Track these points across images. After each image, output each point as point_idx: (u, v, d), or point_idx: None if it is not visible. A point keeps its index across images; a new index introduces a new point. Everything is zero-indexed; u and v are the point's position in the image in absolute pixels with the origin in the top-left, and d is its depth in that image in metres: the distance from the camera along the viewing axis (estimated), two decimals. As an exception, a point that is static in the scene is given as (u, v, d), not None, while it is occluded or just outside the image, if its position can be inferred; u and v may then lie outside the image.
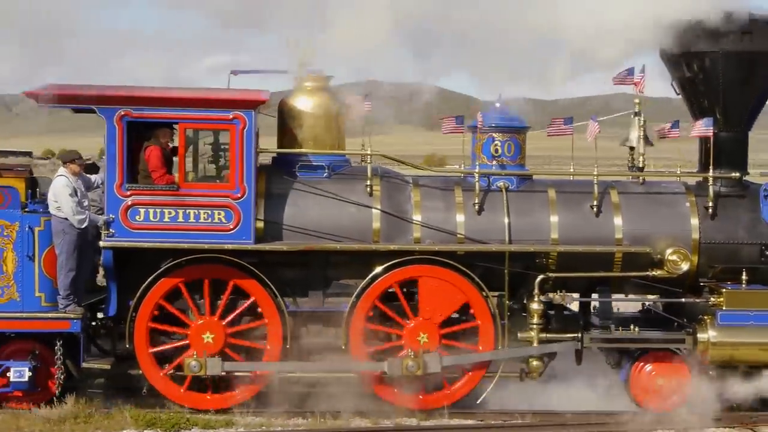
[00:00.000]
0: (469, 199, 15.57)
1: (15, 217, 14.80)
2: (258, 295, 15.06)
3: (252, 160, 14.76)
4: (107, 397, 15.48)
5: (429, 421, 14.82)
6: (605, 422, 14.88)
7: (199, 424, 14.46)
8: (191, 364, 14.83)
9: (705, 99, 16.05)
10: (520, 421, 14.77)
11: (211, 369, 14.80)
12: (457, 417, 14.94)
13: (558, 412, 15.13)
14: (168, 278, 15.02)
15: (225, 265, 15.03)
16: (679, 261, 15.37)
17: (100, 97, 14.69)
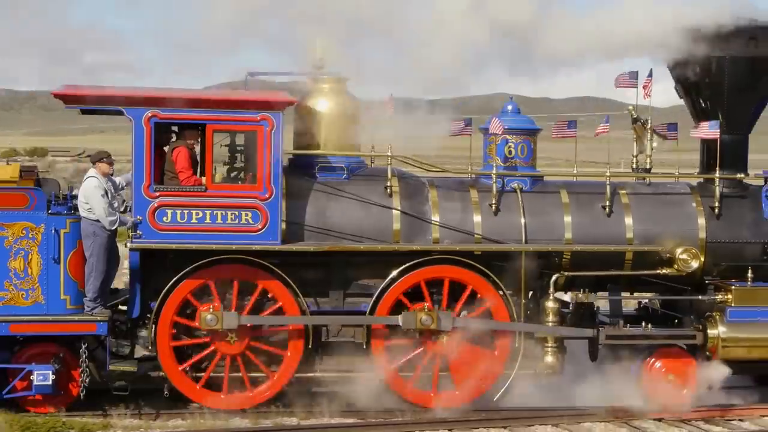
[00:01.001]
0: (485, 199, 15.83)
1: (40, 219, 14.69)
2: (281, 296, 15.14)
3: (279, 161, 14.86)
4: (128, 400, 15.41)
5: (309, 420, 14.87)
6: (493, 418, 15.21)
7: (76, 428, 14.29)
8: (207, 317, 14.81)
9: (709, 102, 16.48)
10: (399, 419, 14.97)
11: (228, 322, 14.84)
12: (337, 416, 15.03)
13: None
14: (190, 279, 15.00)
15: (248, 265, 15.06)
16: (690, 259, 15.80)
17: (129, 98, 14.65)
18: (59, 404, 15.01)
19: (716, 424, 15.19)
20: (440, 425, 14.78)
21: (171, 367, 15.06)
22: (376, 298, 15.36)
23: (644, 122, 16.51)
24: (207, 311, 14.81)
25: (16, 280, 14.71)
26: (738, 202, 16.41)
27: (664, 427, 15.08)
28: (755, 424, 15.19)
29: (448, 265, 15.52)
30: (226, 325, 14.81)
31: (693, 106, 16.80)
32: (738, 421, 15.34)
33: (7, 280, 14.68)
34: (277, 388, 15.28)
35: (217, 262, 15.01)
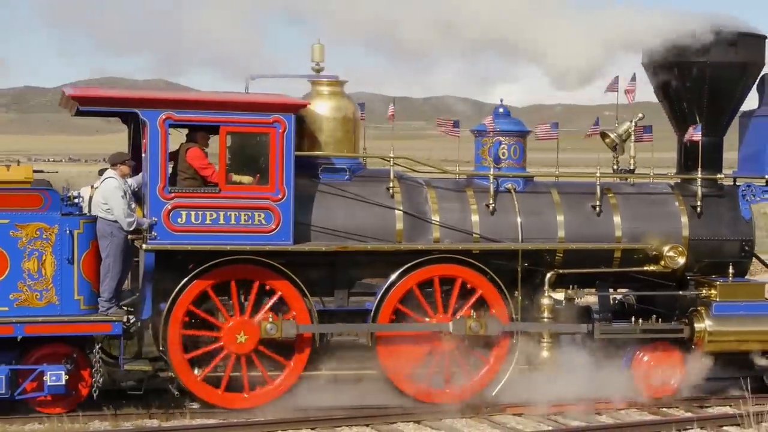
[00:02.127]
0: (481, 199, 16.29)
1: (54, 220, 14.73)
2: (289, 295, 15.41)
3: (291, 162, 15.13)
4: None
5: (170, 421, 14.94)
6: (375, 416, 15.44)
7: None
8: (267, 326, 15.14)
9: (688, 106, 17.18)
10: (262, 419, 15.07)
11: (287, 331, 15.18)
12: (199, 417, 15.11)
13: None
14: (200, 280, 15.19)
15: (257, 266, 15.30)
16: (676, 256, 16.48)
17: (144, 100, 14.78)
18: (70, 405, 15.05)
19: (575, 418, 15.56)
20: (303, 424, 14.87)
21: (180, 364, 15.22)
22: (381, 297, 15.70)
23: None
24: (267, 321, 15.12)
25: (30, 281, 14.74)
26: (716, 201, 17.14)
27: (523, 422, 15.40)
28: (612, 418, 15.65)
29: (450, 264, 15.93)
30: (285, 333, 15.17)
31: (671, 108, 17.46)
32: (596, 415, 15.74)
33: (21, 281, 14.70)
34: (287, 385, 15.51)
35: (228, 262, 15.19)
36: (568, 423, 15.35)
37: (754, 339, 16.62)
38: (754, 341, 16.63)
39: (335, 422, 15.01)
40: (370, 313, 15.77)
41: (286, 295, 15.42)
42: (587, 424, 15.20)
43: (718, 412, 15.97)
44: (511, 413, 15.65)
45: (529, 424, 15.23)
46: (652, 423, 15.24)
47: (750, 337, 16.60)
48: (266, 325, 15.19)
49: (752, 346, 16.64)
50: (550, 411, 15.70)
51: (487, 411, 15.58)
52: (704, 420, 15.27)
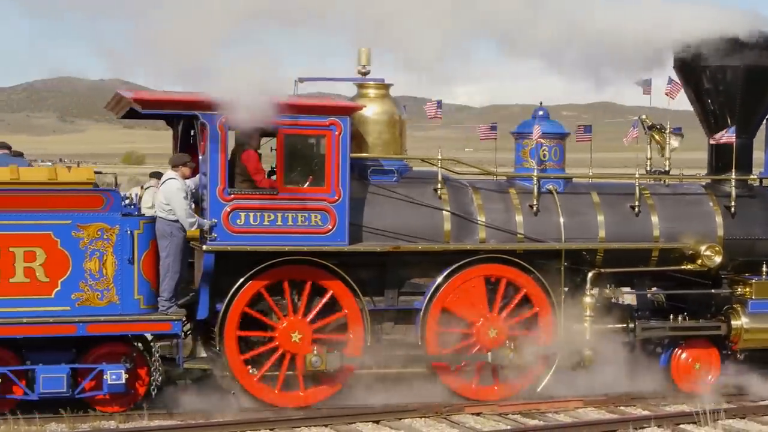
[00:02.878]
0: (525, 200, 16.66)
1: (115, 220, 14.93)
2: (342, 296, 15.70)
3: (347, 164, 15.42)
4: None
5: (127, 423, 14.93)
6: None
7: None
8: (312, 360, 15.39)
9: (721, 108, 17.61)
10: (221, 419, 14.98)
11: (331, 363, 15.41)
12: (157, 418, 15.04)
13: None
14: (256, 281, 15.44)
15: (311, 266, 15.57)
16: (713, 255, 16.92)
17: (204, 103, 15.02)
18: (127, 403, 15.26)
19: (533, 417, 15.70)
20: (262, 425, 14.86)
21: (237, 364, 15.46)
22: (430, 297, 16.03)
23: (661, 127, 17.53)
24: (312, 354, 15.40)
25: (91, 281, 14.93)
26: (749, 202, 17.59)
27: (482, 421, 15.45)
28: (570, 416, 15.76)
29: (497, 264, 16.28)
30: (329, 366, 15.47)
31: (703, 110, 17.88)
32: (553, 414, 15.90)
33: (82, 280, 14.89)
34: (341, 382, 15.83)
35: (282, 263, 15.46)
36: (527, 422, 15.51)
37: (789, 335, 17.06)
38: None
39: (294, 422, 15.00)
40: (420, 312, 16.05)
41: (338, 295, 15.68)
42: (545, 422, 15.36)
43: (675, 410, 16.06)
44: (470, 413, 15.72)
45: (487, 423, 15.33)
46: (609, 421, 15.35)
47: (787, 334, 17.05)
48: (311, 357, 15.43)
49: None
50: (508, 409, 15.85)
51: (446, 410, 15.61)
52: (661, 418, 15.39)
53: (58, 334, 14.90)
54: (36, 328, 14.80)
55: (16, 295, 14.74)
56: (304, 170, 15.55)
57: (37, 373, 14.89)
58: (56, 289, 14.87)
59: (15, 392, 14.95)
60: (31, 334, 14.82)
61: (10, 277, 14.75)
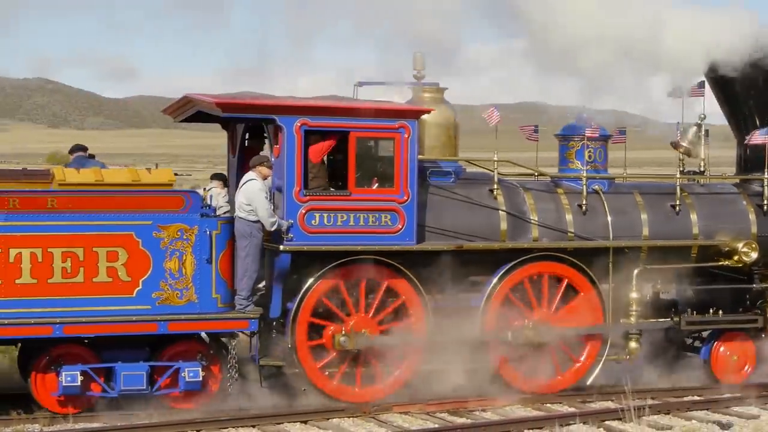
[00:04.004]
0: (573, 200, 17.31)
1: (194, 221, 15.32)
2: (406, 293, 16.23)
3: (415, 166, 15.95)
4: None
5: (52, 426, 14.94)
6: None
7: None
8: (341, 339, 15.88)
9: (750, 111, 18.41)
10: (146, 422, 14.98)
11: (359, 343, 15.94)
12: (82, 421, 15.03)
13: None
14: (325, 280, 15.91)
15: (378, 265, 16.08)
16: (750, 251, 17.72)
17: (282, 107, 15.47)
18: (202, 400, 15.64)
19: (460, 415, 15.83)
20: (188, 426, 14.94)
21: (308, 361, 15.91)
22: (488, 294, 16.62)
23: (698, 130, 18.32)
24: (339, 334, 15.88)
25: (171, 280, 15.31)
26: (777, 201, 18.41)
27: (410, 420, 15.63)
28: (497, 414, 15.96)
29: (550, 262, 16.91)
30: (357, 345, 15.96)
31: (733, 113, 18.67)
32: (480, 412, 16.06)
33: (163, 280, 15.26)
34: (402, 381, 16.37)
35: (351, 262, 15.94)
36: (455, 420, 15.62)
37: (820, 327, 17.92)
38: None
39: (221, 423, 15.10)
40: (479, 309, 16.63)
41: (403, 293, 16.19)
42: (472, 421, 15.48)
43: (600, 407, 16.27)
44: (398, 412, 15.88)
45: (415, 422, 15.49)
46: (535, 419, 15.57)
47: (818, 326, 17.90)
48: (339, 337, 15.93)
49: None
50: (436, 408, 16.02)
51: (374, 410, 15.78)
52: (587, 415, 15.67)
53: (140, 332, 15.27)
54: (119, 326, 15.16)
55: (99, 294, 15.09)
56: (373, 172, 16.01)
57: (118, 370, 15.24)
58: (137, 288, 15.23)
59: (93, 389, 15.27)
60: (115, 332, 15.17)
61: (93, 276, 15.09)
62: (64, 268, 14.99)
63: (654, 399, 16.56)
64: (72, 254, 15.02)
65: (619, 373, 17.35)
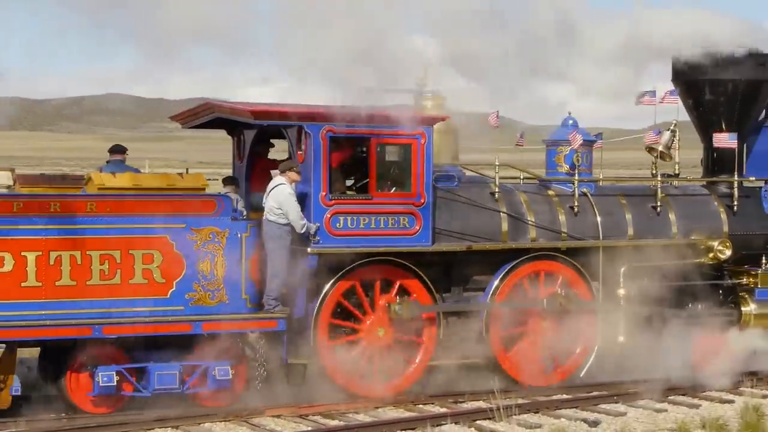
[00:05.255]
0: (565, 202, 18.30)
1: (225, 224, 15.85)
2: (418, 292, 17.01)
3: (431, 170, 16.74)
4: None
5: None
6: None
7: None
8: (396, 308, 16.69)
9: (718, 118, 19.64)
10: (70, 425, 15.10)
11: (409, 311, 16.74)
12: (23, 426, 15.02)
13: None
14: (344, 281, 16.60)
15: (393, 266, 16.83)
16: (725, 249, 18.95)
17: (310, 114, 16.12)
18: (231, 399, 16.18)
19: (333, 417, 15.95)
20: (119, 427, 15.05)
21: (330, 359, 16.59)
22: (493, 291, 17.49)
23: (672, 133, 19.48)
24: (396, 303, 16.63)
25: (203, 282, 15.81)
26: (745, 201, 19.68)
27: (282, 423, 15.61)
28: (370, 416, 16.12)
29: (547, 261, 17.87)
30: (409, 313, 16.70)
31: (700, 119, 19.88)
32: (353, 414, 16.21)
33: (195, 281, 15.76)
34: (418, 374, 17.14)
35: (367, 263, 16.64)
36: (327, 422, 15.74)
37: (789, 319, 19.26)
38: None
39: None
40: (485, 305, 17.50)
41: (416, 293, 16.95)
42: (345, 423, 15.59)
43: (471, 407, 16.40)
44: (270, 415, 15.88)
45: (287, 426, 15.53)
46: (407, 420, 15.65)
47: (787, 319, 19.23)
48: (395, 306, 16.69)
49: None
50: (309, 411, 16.08)
51: (246, 414, 15.80)
52: (458, 415, 15.82)
53: (176, 332, 15.73)
54: (156, 327, 15.62)
55: (135, 295, 15.53)
56: (392, 176, 16.72)
57: (151, 370, 15.70)
58: (171, 289, 15.70)
59: (125, 389, 15.70)
60: (152, 332, 15.63)
61: (130, 278, 15.52)
62: (102, 270, 15.40)
63: (523, 398, 16.93)
64: (110, 257, 15.42)
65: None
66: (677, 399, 17.43)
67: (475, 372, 17.67)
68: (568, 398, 17.17)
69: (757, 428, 15.10)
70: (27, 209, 15.11)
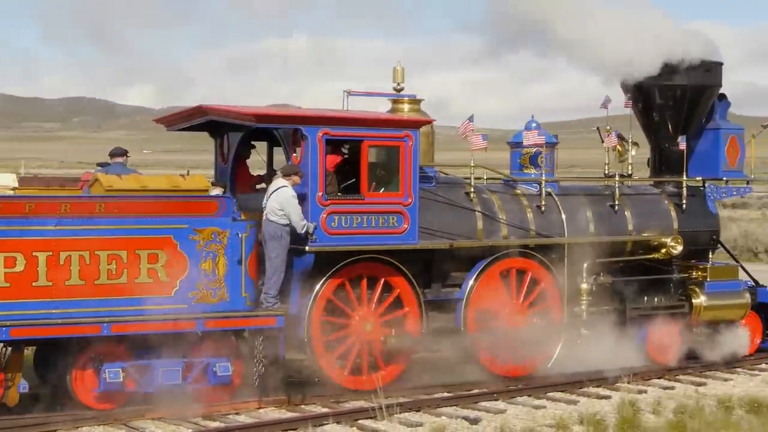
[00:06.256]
0: (532, 201, 19.19)
1: (226, 224, 16.29)
2: (403, 289, 17.71)
3: (417, 171, 17.45)
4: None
5: None
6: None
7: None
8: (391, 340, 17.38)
9: (667, 121, 20.76)
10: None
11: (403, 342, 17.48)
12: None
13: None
14: (334, 278, 17.21)
15: (379, 263, 17.48)
16: (676, 245, 20.06)
17: (308, 117, 16.71)
18: (229, 394, 16.67)
19: (214, 419, 15.91)
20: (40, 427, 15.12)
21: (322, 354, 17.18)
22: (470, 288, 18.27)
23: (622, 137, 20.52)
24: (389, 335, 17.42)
25: (205, 280, 16.22)
26: (691, 200, 20.82)
27: (162, 425, 15.60)
28: (251, 417, 16.13)
29: (520, 258, 18.72)
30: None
31: (647, 121, 20.98)
32: (234, 415, 16.23)
33: (198, 280, 16.17)
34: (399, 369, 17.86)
35: (356, 261, 17.28)
36: (208, 424, 15.70)
37: (732, 310, 20.43)
38: (731, 312, 20.44)
39: None
40: (462, 301, 18.27)
41: (400, 288, 17.64)
42: (226, 425, 15.60)
43: (353, 407, 16.58)
44: (150, 418, 15.84)
45: (168, 428, 15.54)
46: (289, 420, 15.68)
47: (730, 308, 20.43)
48: (390, 339, 17.40)
49: (730, 315, 20.47)
50: (191, 414, 16.01)
51: (126, 417, 15.70)
52: (340, 415, 15.98)
53: (180, 330, 16.12)
54: (161, 324, 15.97)
55: (140, 294, 15.88)
56: (381, 177, 17.38)
57: (156, 367, 16.09)
58: (175, 288, 16.07)
59: (128, 385, 16.06)
60: (158, 330, 15.97)
61: (136, 277, 15.88)
62: (110, 269, 15.72)
63: (405, 397, 17.12)
64: (117, 256, 15.75)
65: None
66: (555, 396, 17.79)
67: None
68: (449, 396, 17.39)
69: (632, 423, 15.46)
70: (38, 210, 15.37)
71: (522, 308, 18.72)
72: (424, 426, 15.64)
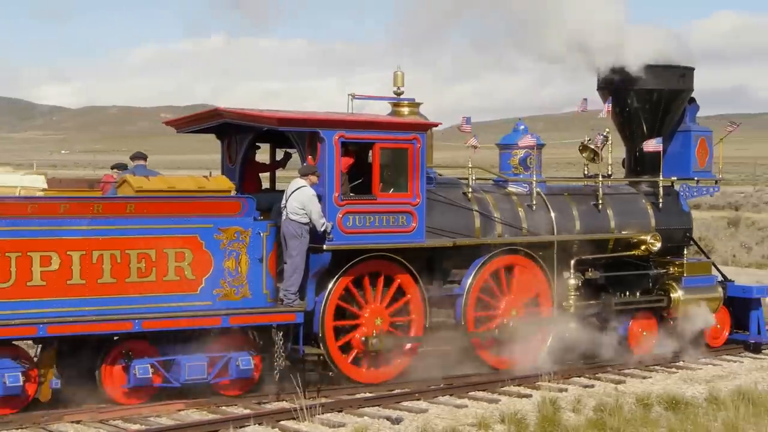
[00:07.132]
0: (523, 200, 20.03)
1: (249, 224, 16.90)
2: (408, 285, 18.43)
3: (425, 172, 18.17)
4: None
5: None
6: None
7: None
8: (373, 341, 17.94)
9: (642, 123, 21.74)
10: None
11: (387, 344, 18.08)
12: None
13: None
14: (345, 276, 17.86)
15: (387, 261, 18.17)
16: (655, 242, 21.03)
17: (326, 121, 17.36)
18: (247, 388, 17.30)
19: (135, 422, 15.81)
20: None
21: (334, 347, 17.83)
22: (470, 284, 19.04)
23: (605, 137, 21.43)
24: (372, 336, 17.93)
25: (229, 278, 16.82)
26: (666, 199, 21.80)
27: (82, 429, 15.46)
28: (173, 419, 16.03)
29: (514, 255, 19.55)
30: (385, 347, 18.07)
31: (623, 124, 21.94)
32: (155, 417, 16.11)
33: (222, 278, 16.76)
34: (406, 362, 18.56)
35: (366, 258, 17.95)
36: (129, 427, 15.56)
37: (708, 303, 21.46)
38: (707, 305, 21.46)
39: None
40: (462, 296, 19.04)
41: (405, 285, 18.37)
42: (147, 427, 15.50)
43: (274, 407, 16.59)
44: (69, 421, 15.68)
45: (87, 431, 15.44)
46: (210, 422, 15.60)
47: (706, 303, 21.43)
48: (371, 339, 17.98)
49: (710, 308, 21.48)
50: (109, 416, 15.95)
51: (45, 420, 15.53)
52: (261, 416, 15.90)
53: (206, 326, 16.71)
54: (189, 321, 16.57)
55: (168, 291, 16.44)
56: (392, 178, 18.06)
57: (182, 362, 16.65)
58: (201, 285, 16.66)
59: (155, 381, 16.59)
60: (186, 326, 16.57)
61: (164, 275, 16.42)
62: (140, 268, 16.25)
63: (327, 398, 17.26)
64: (146, 255, 16.28)
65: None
66: (477, 395, 17.92)
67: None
68: (371, 396, 17.52)
69: (553, 421, 15.60)
70: (73, 211, 15.85)
71: (517, 303, 19.51)
72: (347, 426, 15.74)
